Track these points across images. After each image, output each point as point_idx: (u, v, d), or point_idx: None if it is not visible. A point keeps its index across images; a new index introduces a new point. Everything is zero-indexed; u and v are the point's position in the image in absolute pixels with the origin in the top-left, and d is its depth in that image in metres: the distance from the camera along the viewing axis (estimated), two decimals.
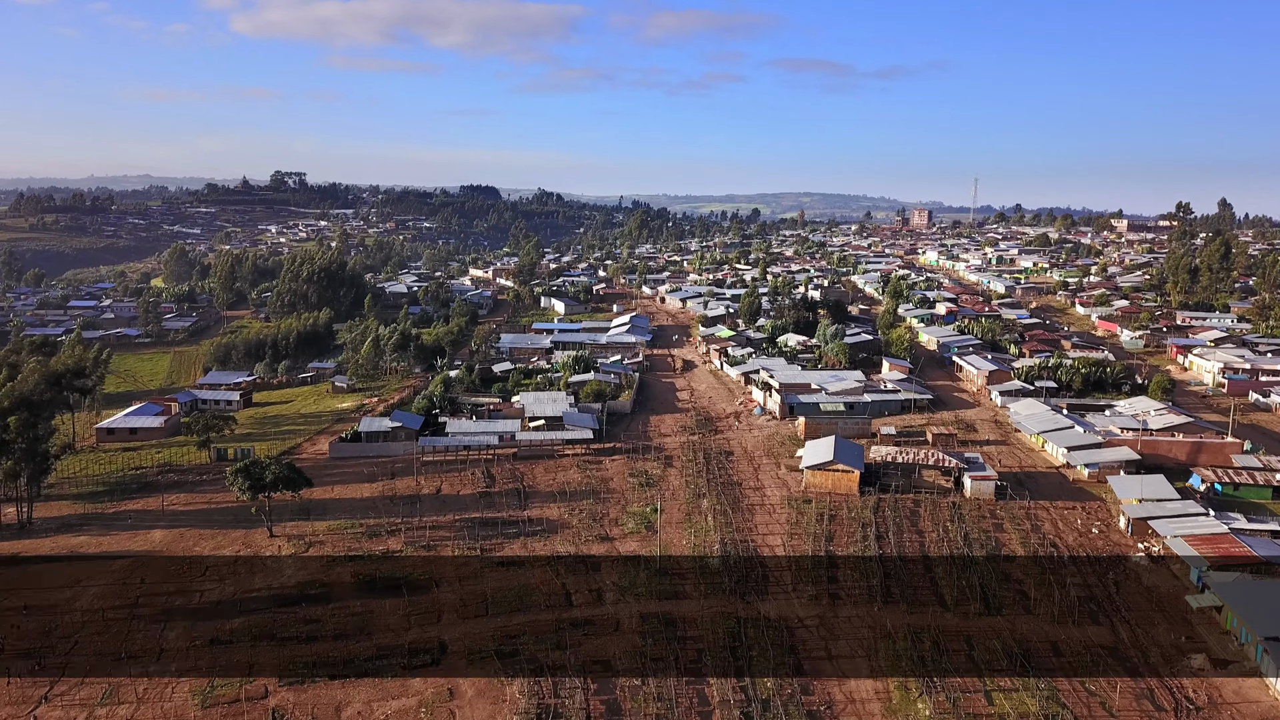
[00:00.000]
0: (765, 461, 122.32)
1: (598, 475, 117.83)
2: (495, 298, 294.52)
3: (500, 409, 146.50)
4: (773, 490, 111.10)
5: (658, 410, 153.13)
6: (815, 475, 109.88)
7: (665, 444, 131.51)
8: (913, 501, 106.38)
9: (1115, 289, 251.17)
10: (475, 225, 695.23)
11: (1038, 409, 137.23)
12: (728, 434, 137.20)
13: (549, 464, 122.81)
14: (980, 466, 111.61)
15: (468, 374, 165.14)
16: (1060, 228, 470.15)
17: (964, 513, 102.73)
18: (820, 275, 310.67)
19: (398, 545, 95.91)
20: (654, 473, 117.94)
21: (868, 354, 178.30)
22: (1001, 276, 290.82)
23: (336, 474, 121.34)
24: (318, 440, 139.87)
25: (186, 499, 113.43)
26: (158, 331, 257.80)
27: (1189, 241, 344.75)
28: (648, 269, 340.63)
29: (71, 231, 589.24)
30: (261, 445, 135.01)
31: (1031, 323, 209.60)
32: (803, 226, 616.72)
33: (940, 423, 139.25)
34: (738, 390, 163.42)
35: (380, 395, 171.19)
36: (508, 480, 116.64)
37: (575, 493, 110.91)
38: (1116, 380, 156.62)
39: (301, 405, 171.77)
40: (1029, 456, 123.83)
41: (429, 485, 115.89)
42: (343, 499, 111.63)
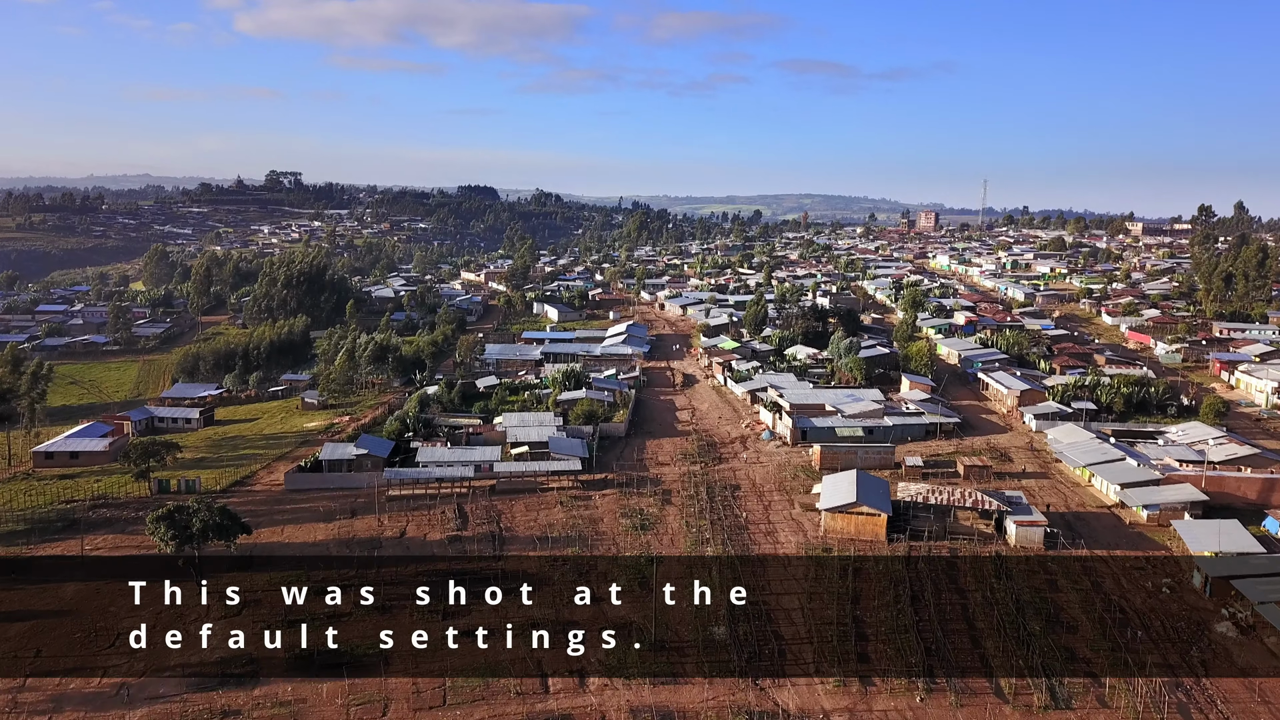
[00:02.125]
0: (777, 498, 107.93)
1: (585, 514, 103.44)
2: (486, 303, 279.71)
3: (480, 432, 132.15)
4: (787, 535, 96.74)
5: (655, 433, 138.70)
6: (836, 519, 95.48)
7: (663, 475, 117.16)
8: (949, 551, 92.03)
9: (1143, 297, 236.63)
10: (472, 226, 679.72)
11: (1080, 436, 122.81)
12: (733, 463, 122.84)
13: (531, 500, 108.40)
14: (1025, 508, 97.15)
15: (447, 391, 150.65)
16: (1073, 231, 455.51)
17: (1010, 566, 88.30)
18: (828, 281, 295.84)
19: (348, 605, 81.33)
20: (650, 512, 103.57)
21: (884, 369, 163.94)
22: (1020, 283, 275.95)
23: (289, 511, 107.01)
24: (276, 467, 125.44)
25: (114, 542, 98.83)
26: (127, 338, 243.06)
27: (1212, 246, 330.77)
28: (646, 273, 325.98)
29: (59, 231, 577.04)
30: (211, 474, 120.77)
31: (1059, 334, 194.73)
32: (806, 228, 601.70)
33: (970, 451, 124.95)
34: (743, 410, 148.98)
35: (353, 413, 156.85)
36: (483, 520, 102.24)
37: (559, 538, 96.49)
38: (1161, 402, 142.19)
39: (267, 423, 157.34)
40: (1075, 493, 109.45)
41: (393, 526, 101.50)
42: (292, 542, 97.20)
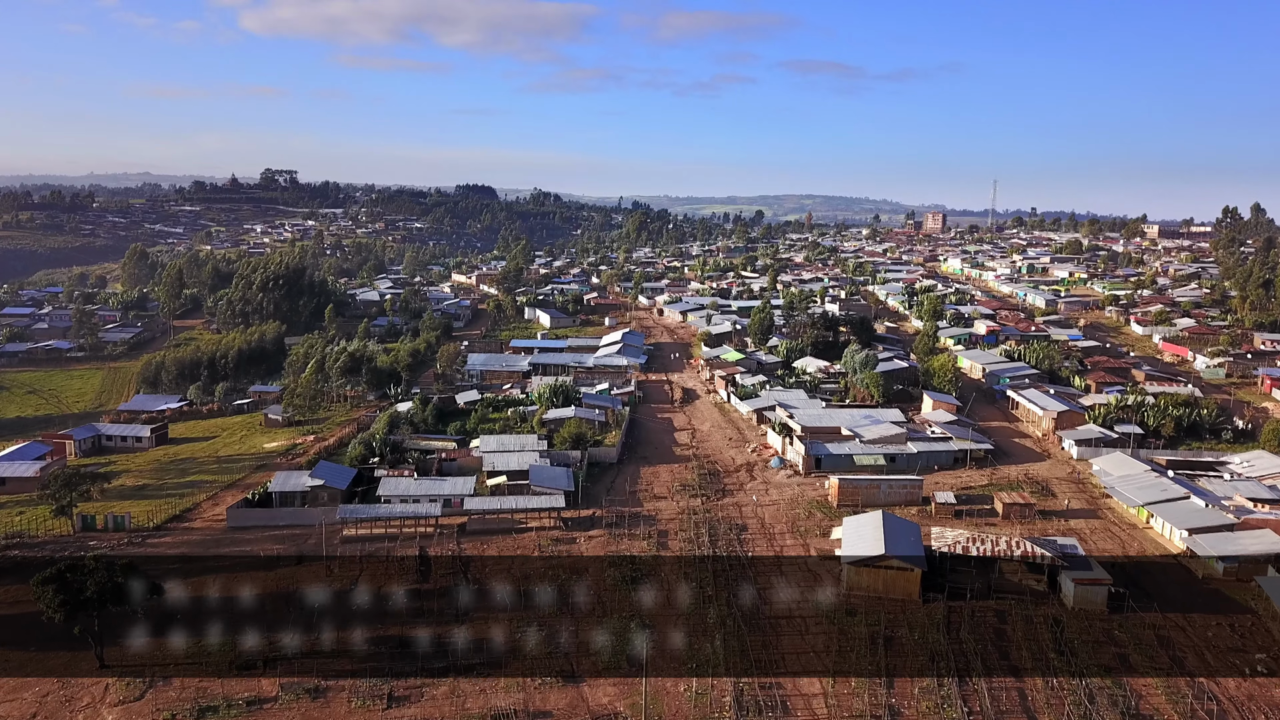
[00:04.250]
0: (790, 542, 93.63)
1: (568, 562, 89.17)
2: (475, 307, 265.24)
3: (455, 458, 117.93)
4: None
5: (651, 458, 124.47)
6: (861, 574, 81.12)
7: (659, 511, 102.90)
8: (995, 614, 77.74)
9: (1173, 304, 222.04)
10: (469, 226, 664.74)
11: (1131, 467, 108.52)
12: (739, 496, 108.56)
13: (506, 543, 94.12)
14: (1082, 561, 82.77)
15: (421, 408, 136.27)
16: (1087, 233, 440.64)
17: (1071, 636, 74.08)
18: (836, 285, 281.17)
19: (272, 688, 67.33)
20: (644, 559, 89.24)
21: (904, 385, 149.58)
22: (1039, 288, 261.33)
23: (228, 555, 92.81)
24: (222, 498, 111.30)
25: (15, 594, 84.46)
26: (93, 344, 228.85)
27: (1237, 249, 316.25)
28: (645, 276, 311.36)
29: (47, 230, 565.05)
30: (147, 507, 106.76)
31: (1089, 346, 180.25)
32: (810, 230, 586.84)
33: (1006, 483, 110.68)
34: (749, 432, 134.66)
35: (320, 431, 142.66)
36: (448, 569, 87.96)
37: (536, 593, 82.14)
38: (1215, 425, 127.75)
39: (224, 443, 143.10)
40: (1132, 537, 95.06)
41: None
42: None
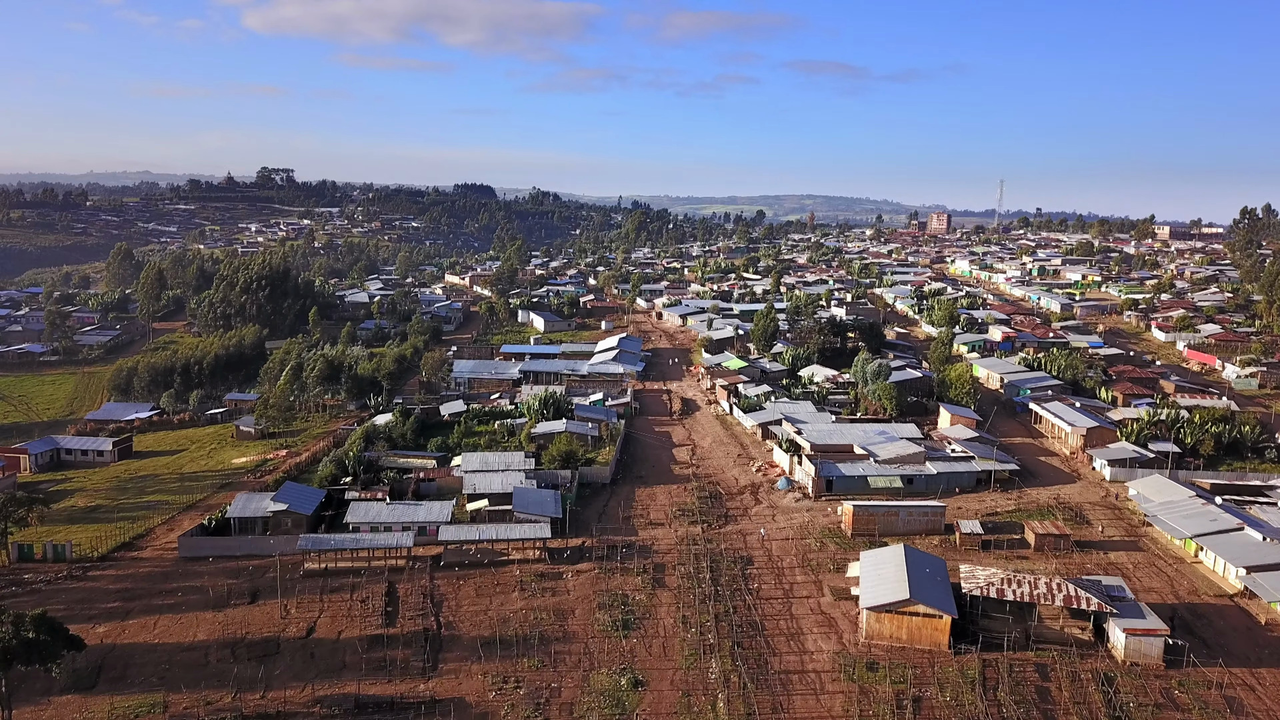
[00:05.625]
0: (800, 579, 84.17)
1: (553, 601, 79.78)
2: (467, 309, 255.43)
3: (433, 478, 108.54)
4: (816, 638, 73.04)
5: (648, 478, 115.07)
6: (883, 620, 71.68)
7: (655, 541, 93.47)
8: (1036, 669, 68.36)
9: (1195, 309, 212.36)
10: (466, 225, 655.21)
11: (1173, 492, 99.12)
12: (743, 522, 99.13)
13: (485, 579, 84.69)
14: (1132, 606, 73.18)
15: (402, 420, 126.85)
16: (1097, 234, 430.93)
17: (1125, 694, 64.71)
18: (841, 288, 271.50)
19: None
20: (636, 599, 79.90)
21: (918, 396, 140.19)
22: (1052, 292, 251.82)
23: (175, 590, 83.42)
24: (179, 522, 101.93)
25: None
26: (68, 348, 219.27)
27: (1254, 251, 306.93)
28: (644, 279, 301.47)
29: (39, 229, 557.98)
30: (94, 532, 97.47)
31: (1112, 354, 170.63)
32: (813, 230, 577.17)
33: (1035, 508, 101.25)
34: (754, 448, 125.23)
35: (294, 445, 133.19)
36: (418, 610, 78.60)
37: (515, 640, 72.80)
38: (1257, 443, 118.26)
39: (191, 458, 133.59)
40: (1180, 573, 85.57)
41: (301, 617, 77.78)
42: (163, 645, 73.65)
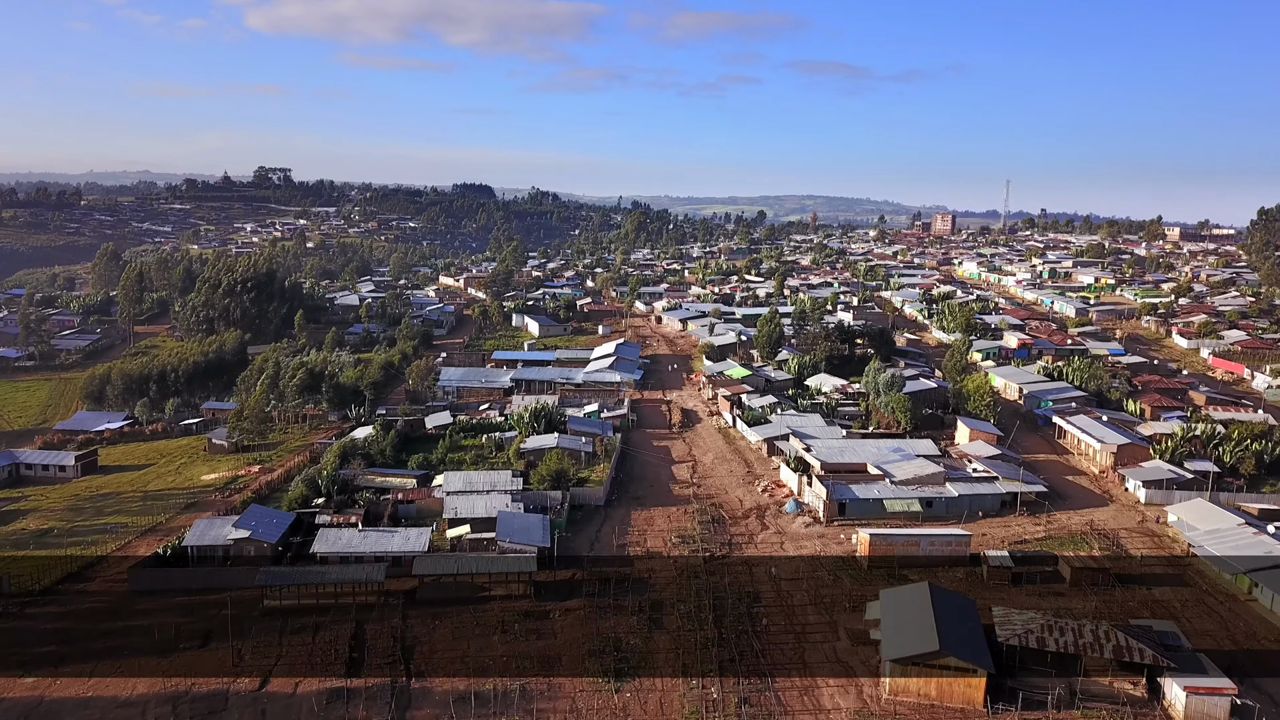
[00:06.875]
0: (813, 619, 75.79)
1: (538, 646, 71.43)
2: (460, 313, 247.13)
3: (412, 499, 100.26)
4: (833, 692, 64.69)
5: (645, 499, 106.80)
6: (908, 674, 63.31)
7: (653, 572, 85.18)
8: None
9: (1216, 314, 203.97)
10: (464, 226, 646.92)
11: (1219, 519, 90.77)
12: (748, 550, 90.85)
13: (463, 617, 76.30)
14: (1190, 659, 64.82)
15: (383, 434, 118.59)
16: (1106, 235, 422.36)
17: None
18: (847, 291, 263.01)
19: None
20: (631, 643, 71.58)
21: (933, 408, 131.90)
22: (1065, 295, 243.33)
23: (120, 631, 75.12)
24: (136, 548, 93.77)
25: None
26: (45, 352, 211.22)
27: (1272, 253, 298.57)
28: (643, 281, 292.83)
29: (31, 228, 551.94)
30: (41, 560, 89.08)
31: (1135, 362, 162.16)
32: (815, 230, 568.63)
33: (1067, 535, 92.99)
34: (759, 464, 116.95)
35: (269, 460, 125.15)
36: (386, 657, 70.25)
37: (493, 695, 64.46)
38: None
39: (159, 473, 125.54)
40: (1233, 612, 77.18)
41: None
42: (96, 699, 65.34)
